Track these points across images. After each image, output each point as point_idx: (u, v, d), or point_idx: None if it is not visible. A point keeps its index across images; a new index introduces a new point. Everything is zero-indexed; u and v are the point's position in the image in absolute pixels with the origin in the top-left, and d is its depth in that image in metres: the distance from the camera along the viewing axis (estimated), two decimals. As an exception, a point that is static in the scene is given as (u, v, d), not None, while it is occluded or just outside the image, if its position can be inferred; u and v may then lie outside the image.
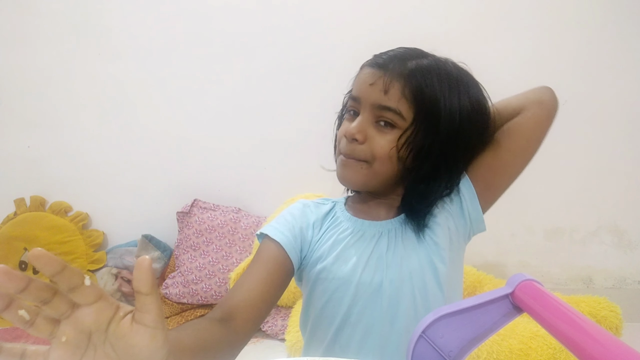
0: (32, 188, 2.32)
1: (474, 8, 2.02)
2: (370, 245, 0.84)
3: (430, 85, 0.79)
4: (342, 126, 0.85)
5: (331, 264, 0.84)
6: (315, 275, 0.85)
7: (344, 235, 0.87)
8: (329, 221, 0.91)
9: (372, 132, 0.80)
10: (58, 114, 2.31)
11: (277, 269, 0.81)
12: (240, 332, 0.70)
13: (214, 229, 2.13)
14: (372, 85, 0.79)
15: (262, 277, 0.78)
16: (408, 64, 0.80)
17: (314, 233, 0.88)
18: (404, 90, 0.78)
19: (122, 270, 2.17)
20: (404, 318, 0.81)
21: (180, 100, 2.26)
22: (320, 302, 0.85)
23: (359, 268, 0.83)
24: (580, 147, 2.03)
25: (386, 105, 0.79)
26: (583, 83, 1.99)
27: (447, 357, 0.52)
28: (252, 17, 2.16)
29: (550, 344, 1.51)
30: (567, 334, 0.44)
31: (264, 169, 2.18)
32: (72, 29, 2.24)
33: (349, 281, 0.82)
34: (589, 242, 2.03)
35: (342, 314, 0.83)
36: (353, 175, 0.83)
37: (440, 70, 0.83)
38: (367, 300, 0.82)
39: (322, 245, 0.87)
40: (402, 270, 0.82)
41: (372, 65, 0.82)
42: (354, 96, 0.83)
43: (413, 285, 0.81)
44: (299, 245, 0.86)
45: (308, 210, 0.92)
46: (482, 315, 0.53)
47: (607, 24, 1.95)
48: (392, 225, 0.86)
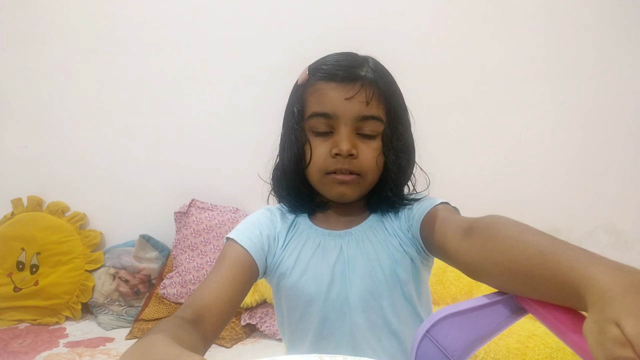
0: (29, 188, 2.31)
1: (473, 8, 2.02)
2: (332, 257, 0.84)
3: (389, 82, 0.81)
4: (318, 148, 0.81)
5: (297, 280, 0.84)
6: (283, 291, 0.86)
7: (306, 247, 0.86)
8: (292, 231, 0.89)
9: (358, 143, 0.80)
10: (55, 114, 2.30)
11: (244, 273, 0.81)
12: (209, 337, 0.69)
13: (211, 229, 2.13)
14: (350, 99, 0.77)
15: (229, 280, 0.77)
16: (367, 68, 0.80)
17: (277, 244, 0.87)
18: (379, 95, 0.79)
19: (119, 270, 2.16)
20: (375, 329, 0.82)
21: (178, 100, 2.25)
22: (292, 317, 0.86)
23: (324, 283, 0.83)
24: (577, 147, 2.04)
25: (369, 115, 0.79)
26: (580, 83, 2.00)
27: (451, 356, 0.53)
28: (252, 17, 2.16)
29: (548, 343, 1.52)
30: (571, 336, 0.44)
31: (262, 169, 2.18)
32: (70, 29, 2.24)
33: (317, 298, 0.83)
34: (586, 242, 2.03)
35: (314, 329, 0.84)
36: (353, 190, 0.82)
37: (382, 64, 0.85)
38: (336, 314, 0.83)
39: (286, 258, 0.86)
40: (365, 283, 0.82)
41: (336, 78, 0.79)
42: (327, 113, 0.79)
43: (380, 296, 0.82)
44: (266, 253, 0.85)
45: (274, 219, 0.91)
46: (487, 315, 0.53)
47: (607, 24, 1.96)
48: (356, 234, 0.86)
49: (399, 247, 0.84)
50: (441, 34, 2.06)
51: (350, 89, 0.78)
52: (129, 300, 2.13)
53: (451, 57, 2.04)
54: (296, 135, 0.83)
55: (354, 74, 0.78)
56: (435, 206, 0.81)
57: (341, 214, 0.89)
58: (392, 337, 0.83)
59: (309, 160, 0.82)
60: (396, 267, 0.82)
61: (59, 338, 1.96)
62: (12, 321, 2.11)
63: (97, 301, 2.14)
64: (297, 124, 0.84)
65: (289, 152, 0.85)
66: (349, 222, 0.88)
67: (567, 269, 0.44)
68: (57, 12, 2.23)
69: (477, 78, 2.06)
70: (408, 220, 0.86)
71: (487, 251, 0.58)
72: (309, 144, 0.82)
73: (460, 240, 0.66)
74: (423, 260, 0.85)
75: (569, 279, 0.43)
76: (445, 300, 1.83)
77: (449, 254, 0.70)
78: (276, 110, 2.19)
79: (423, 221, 0.80)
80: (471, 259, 0.63)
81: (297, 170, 0.85)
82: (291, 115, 0.86)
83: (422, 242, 0.81)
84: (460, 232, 0.67)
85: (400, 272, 0.82)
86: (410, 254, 0.83)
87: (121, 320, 2.10)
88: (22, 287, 2.13)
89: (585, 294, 0.41)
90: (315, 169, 0.82)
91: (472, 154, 2.05)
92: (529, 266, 0.49)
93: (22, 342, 1.91)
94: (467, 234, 0.65)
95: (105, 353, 1.80)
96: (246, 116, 2.22)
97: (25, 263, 2.16)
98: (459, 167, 2.04)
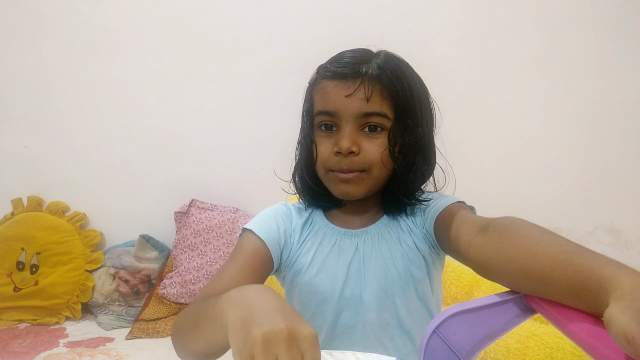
0: (29, 188, 2.31)
1: (473, 8, 2.03)
2: (348, 256, 0.85)
3: (399, 77, 0.80)
4: (323, 145, 0.83)
5: (312, 277, 0.84)
6: (297, 287, 0.86)
7: (323, 245, 0.87)
8: (308, 229, 0.90)
9: (361, 140, 0.80)
10: (55, 113, 2.30)
11: (261, 265, 0.81)
12: None
13: (211, 229, 2.13)
14: (350, 96, 0.78)
15: (247, 272, 0.78)
16: (373, 64, 0.80)
17: (293, 240, 0.88)
18: (382, 91, 0.78)
19: (119, 271, 2.16)
20: (388, 328, 0.83)
21: (178, 100, 2.25)
22: (305, 314, 0.86)
23: (339, 282, 0.83)
24: (577, 147, 2.04)
25: (371, 112, 0.78)
26: (579, 83, 2.00)
27: (459, 354, 0.53)
28: (252, 16, 2.16)
29: (548, 343, 1.52)
30: (581, 336, 0.44)
31: (262, 169, 2.17)
32: (69, 29, 2.24)
33: (331, 296, 0.83)
34: (586, 241, 2.03)
35: (327, 327, 0.84)
36: (356, 188, 0.82)
37: (396, 60, 0.84)
38: (349, 313, 0.83)
39: (302, 255, 0.87)
40: (379, 282, 0.82)
41: (338, 76, 0.80)
42: (329, 111, 0.81)
43: (394, 294, 0.82)
44: (282, 248, 0.86)
45: (290, 214, 0.92)
46: (495, 314, 0.53)
47: (606, 24, 1.96)
48: (371, 233, 0.87)
49: (413, 246, 0.84)
50: (441, 35, 2.06)
51: (351, 85, 0.78)
52: (129, 300, 2.13)
53: (451, 58, 2.05)
54: (305, 133, 0.87)
55: (354, 71, 0.78)
56: (452, 204, 0.82)
57: (357, 212, 0.90)
58: (405, 336, 0.84)
59: (316, 157, 0.84)
60: (410, 265, 0.83)
61: (59, 338, 1.95)
62: (12, 321, 2.11)
63: (97, 301, 2.14)
64: (306, 122, 0.86)
65: (301, 150, 0.89)
66: (365, 220, 0.89)
67: (596, 266, 0.44)
68: (57, 12, 2.22)
69: (477, 78, 2.06)
70: (423, 214, 0.86)
71: (503, 249, 0.58)
72: (315, 142, 0.84)
73: (474, 237, 0.66)
74: (435, 257, 0.86)
75: (595, 276, 0.44)
76: (446, 300, 1.83)
77: (461, 249, 0.70)
78: (276, 110, 2.21)
79: (438, 217, 0.81)
80: (484, 255, 0.63)
81: (307, 168, 0.87)
82: (303, 113, 0.88)
83: (435, 239, 0.82)
84: (475, 229, 0.67)
85: (414, 270, 0.83)
86: (423, 250, 0.84)
87: (121, 320, 2.09)
88: (22, 287, 2.13)
89: (611, 289, 0.41)
90: (321, 166, 0.84)
91: (472, 154, 2.06)
92: (550, 263, 0.50)
93: (22, 342, 1.91)
94: (483, 231, 0.65)
95: (105, 353, 1.79)
96: (246, 116, 2.22)
97: (25, 263, 2.16)
98: (458, 168, 2.04)
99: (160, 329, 1.98)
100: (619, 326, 0.36)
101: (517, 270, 0.54)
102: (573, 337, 0.45)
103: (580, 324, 0.45)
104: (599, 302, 0.42)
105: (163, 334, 1.97)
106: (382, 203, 0.89)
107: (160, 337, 1.96)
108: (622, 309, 0.37)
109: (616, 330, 0.36)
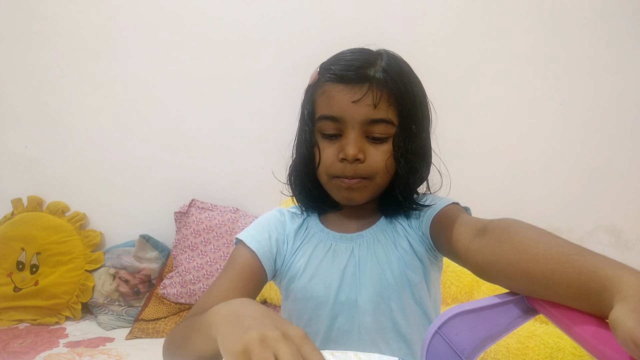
0: (29, 188, 2.31)
1: (473, 8, 2.02)
2: (343, 260, 0.84)
3: (403, 82, 0.78)
4: (326, 150, 0.80)
5: (306, 282, 0.84)
6: (292, 293, 0.86)
7: (317, 250, 0.86)
8: (302, 234, 0.89)
9: (367, 147, 0.78)
10: (55, 113, 2.30)
11: (252, 277, 0.81)
12: None
13: (211, 229, 2.13)
14: (357, 102, 0.75)
15: (239, 286, 0.78)
16: (378, 67, 0.77)
17: (287, 247, 0.88)
18: (388, 97, 0.76)
19: (119, 271, 2.16)
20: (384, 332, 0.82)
21: (178, 100, 2.25)
22: (301, 320, 0.86)
23: (334, 286, 0.83)
24: (577, 147, 2.04)
25: (378, 119, 0.76)
26: (579, 84, 2.00)
27: (461, 354, 0.53)
28: (251, 17, 2.16)
29: (548, 343, 1.52)
30: (585, 337, 0.44)
31: (262, 169, 2.17)
32: (70, 29, 2.24)
33: (326, 300, 0.83)
34: (586, 241, 2.04)
35: (322, 332, 0.84)
36: (360, 195, 0.81)
37: (398, 61, 0.81)
38: (345, 317, 0.83)
39: (296, 261, 0.86)
40: (375, 286, 0.82)
41: (343, 79, 0.77)
42: (334, 116, 0.78)
43: (389, 298, 0.82)
44: (274, 256, 0.85)
45: (284, 220, 0.91)
46: (498, 315, 0.53)
47: (606, 24, 1.96)
48: (367, 236, 0.86)
49: (409, 249, 0.84)
50: (440, 35, 2.06)
51: (358, 91, 0.75)
52: (129, 300, 2.13)
53: (450, 58, 2.05)
54: (306, 136, 0.83)
55: (362, 75, 0.76)
56: (447, 206, 0.81)
57: (353, 216, 0.89)
58: (401, 340, 0.83)
59: (318, 162, 0.82)
60: (406, 269, 0.82)
61: (59, 338, 1.95)
62: (12, 321, 2.11)
63: (97, 301, 2.14)
64: (307, 126, 0.83)
65: (299, 153, 0.86)
66: (361, 224, 0.88)
67: (597, 267, 0.44)
68: (57, 12, 2.22)
69: (477, 79, 2.06)
70: (418, 217, 0.86)
71: (502, 251, 0.58)
72: (318, 146, 0.82)
73: (472, 240, 0.66)
74: (432, 259, 0.85)
75: (597, 277, 0.43)
76: (446, 300, 1.83)
77: (459, 252, 0.69)
78: (276, 110, 2.21)
79: (434, 220, 0.80)
80: (483, 258, 0.62)
81: (307, 171, 0.85)
82: (302, 116, 0.86)
83: (431, 241, 0.81)
84: (473, 232, 0.67)
85: (411, 274, 0.82)
86: (419, 253, 0.83)
87: (121, 320, 2.09)
88: (22, 287, 2.13)
89: (614, 290, 0.40)
90: (324, 172, 0.82)
91: (472, 154, 2.06)
92: (550, 266, 0.49)
93: (22, 342, 1.91)
94: (480, 234, 0.65)
95: (105, 353, 1.79)
96: (246, 116, 2.22)
97: (25, 263, 2.16)
98: (458, 168, 2.04)
99: (160, 329, 1.98)
100: (625, 330, 0.36)
101: (517, 273, 0.54)
102: (577, 338, 0.45)
103: (584, 326, 0.45)
104: (602, 303, 0.42)
105: (163, 334, 1.97)
106: (380, 206, 0.88)
107: (160, 337, 1.96)
108: (628, 311, 0.37)
109: (623, 334, 0.36)
